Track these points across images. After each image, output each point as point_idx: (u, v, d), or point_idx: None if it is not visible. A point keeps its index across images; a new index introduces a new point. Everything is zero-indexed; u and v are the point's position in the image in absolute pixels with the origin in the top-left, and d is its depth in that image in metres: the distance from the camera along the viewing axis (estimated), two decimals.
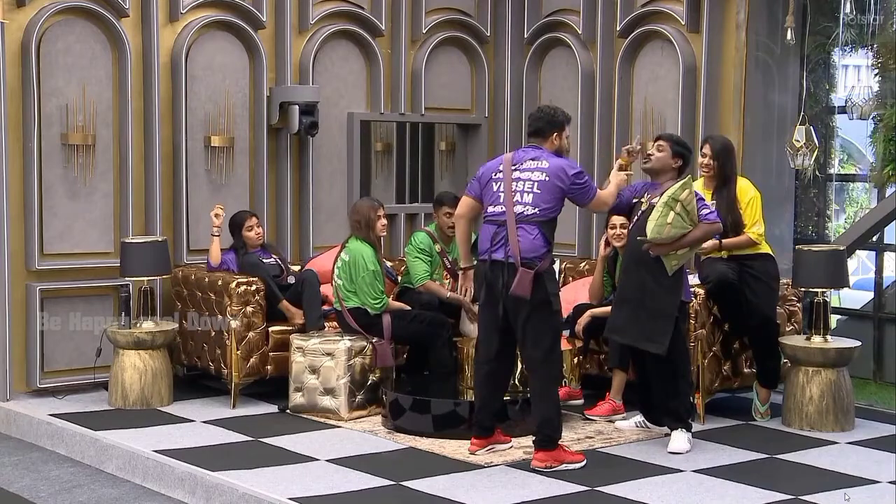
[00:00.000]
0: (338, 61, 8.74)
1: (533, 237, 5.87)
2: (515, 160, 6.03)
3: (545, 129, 6.08)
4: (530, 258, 5.83)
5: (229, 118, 8.26)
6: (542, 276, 5.85)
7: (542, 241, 5.89)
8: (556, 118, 6.11)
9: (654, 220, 6.11)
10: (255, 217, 7.89)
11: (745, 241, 6.85)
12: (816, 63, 8.74)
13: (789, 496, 5.50)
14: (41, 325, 7.54)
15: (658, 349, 6.17)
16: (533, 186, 5.91)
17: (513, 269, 5.83)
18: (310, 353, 7.10)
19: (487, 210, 6.04)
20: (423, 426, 6.62)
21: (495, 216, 5.98)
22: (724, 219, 6.77)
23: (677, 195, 6.09)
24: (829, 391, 6.82)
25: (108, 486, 6.17)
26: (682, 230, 6.11)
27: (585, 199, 6.07)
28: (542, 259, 5.86)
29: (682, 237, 6.13)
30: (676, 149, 6.35)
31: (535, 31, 9.21)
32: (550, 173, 5.92)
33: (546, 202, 5.90)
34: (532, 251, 5.84)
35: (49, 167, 7.57)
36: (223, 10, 8.23)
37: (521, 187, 5.93)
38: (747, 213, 6.85)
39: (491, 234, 5.96)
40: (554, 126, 6.08)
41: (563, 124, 6.11)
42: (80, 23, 7.67)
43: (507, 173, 5.98)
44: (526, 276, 5.78)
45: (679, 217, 6.08)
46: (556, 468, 5.87)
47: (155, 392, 7.35)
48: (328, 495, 5.48)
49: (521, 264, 5.80)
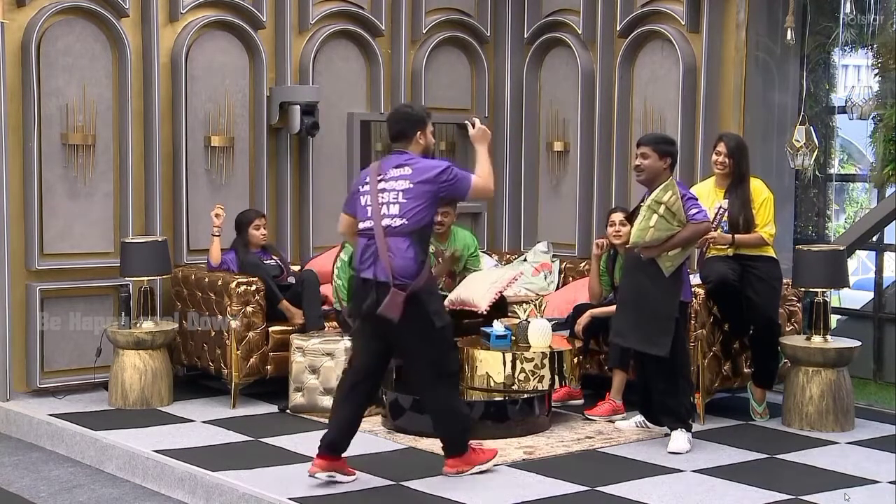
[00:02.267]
0: (338, 61, 8.75)
1: (405, 251, 5.51)
2: (381, 170, 5.67)
3: (407, 130, 5.69)
4: (403, 278, 5.47)
5: (229, 118, 8.26)
6: (418, 296, 5.49)
7: (415, 256, 5.53)
8: (416, 116, 5.74)
9: (636, 224, 6.12)
10: (263, 217, 7.90)
11: (757, 239, 6.85)
12: (816, 63, 8.74)
13: (789, 496, 5.50)
14: (41, 325, 7.54)
15: (660, 351, 6.17)
16: (398, 196, 5.56)
17: (384, 288, 5.46)
18: (310, 353, 7.10)
19: (359, 226, 5.69)
20: (423, 426, 6.60)
21: (365, 231, 5.64)
22: (737, 217, 6.79)
23: (660, 198, 6.09)
24: (829, 391, 6.82)
25: (108, 486, 6.17)
26: (668, 232, 6.09)
27: (460, 193, 5.71)
28: (415, 276, 5.50)
29: (670, 238, 6.11)
30: (661, 149, 6.25)
31: (535, 31, 9.21)
32: (414, 179, 5.57)
33: (413, 210, 5.54)
34: (405, 269, 5.48)
35: (49, 167, 7.57)
36: (223, 10, 8.23)
37: (386, 198, 5.58)
38: (760, 213, 6.85)
39: (362, 249, 5.64)
40: (415, 125, 5.69)
41: (424, 121, 5.73)
42: (80, 23, 7.67)
43: (373, 185, 5.63)
44: (396, 297, 5.42)
45: (663, 219, 6.07)
46: (468, 472, 5.77)
47: (155, 392, 7.35)
48: (328, 495, 5.48)
49: (393, 284, 5.45)
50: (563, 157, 9.08)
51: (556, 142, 9.08)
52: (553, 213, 9.11)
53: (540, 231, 9.24)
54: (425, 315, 5.56)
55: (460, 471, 5.79)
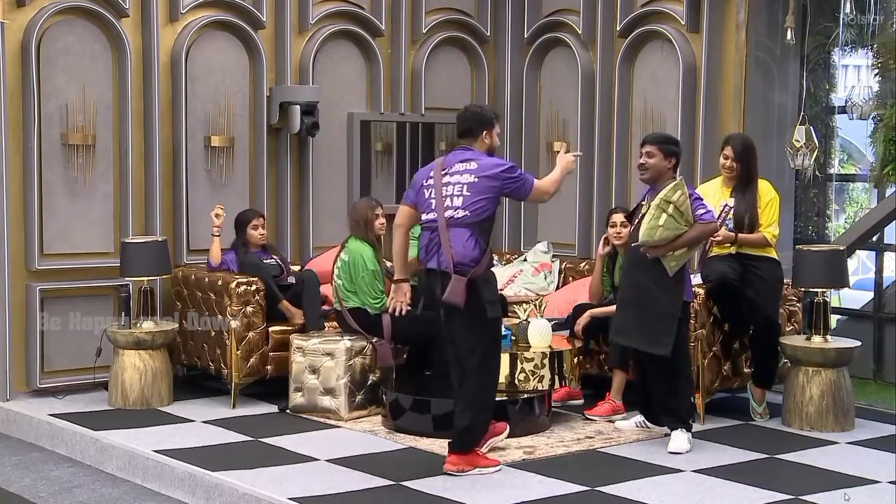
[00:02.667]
0: (338, 61, 8.75)
1: (465, 241, 5.72)
2: (446, 164, 5.89)
3: (475, 129, 5.93)
4: (464, 264, 5.68)
5: (229, 118, 8.26)
6: (476, 283, 5.69)
7: (475, 245, 5.73)
8: (485, 116, 5.97)
9: (645, 223, 6.12)
10: (261, 217, 7.89)
11: (760, 238, 6.85)
12: (816, 63, 8.74)
13: (789, 496, 5.50)
14: (41, 325, 7.54)
15: (662, 351, 6.17)
16: (463, 189, 5.77)
17: (446, 277, 5.68)
18: (310, 353, 7.10)
19: (422, 217, 5.91)
20: (423, 426, 6.61)
21: (428, 223, 5.85)
22: (742, 217, 6.79)
23: (669, 197, 6.09)
24: (829, 391, 6.82)
25: (108, 486, 6.17)
26: (676, 231, 6.10)
27: (522, 192, 5.93)
28: (476, 264, 5.71)
29: (677, 238, 6.12)
30: (666, 149, 6.29)
31: (535, 31, 9.21)
32: (480, 174, 5.78)
33: (476, 204, 5.75)
34: (465, 257, 5.69)
35: (49, 167, 7.57)
36: (223, 10, 8.23)
37: (450, 191, 5.79)
38: (765, 213, 6.85)
39: (426, 241, 5.84)
40: (483, 125, 5.92)
41: (492, 122, 5.96)
42: (80, 23, 7.67)
43: (437, 178, 5.85)
44: (459, 284, 5.63)
45: (672, 218, 6.08)
46: (468, 472, 5.80)
47: (155, 392, 7.35)
48: (328, 495, 5.48)
49: (454, 271, 5.66)
50: None
51: (556, 142, 9.08)
52: (553, 213, 9.10)
53: (540, 231, 9.24)
54: (479, 303, 5.72)
55: (461, 469, 5.80)
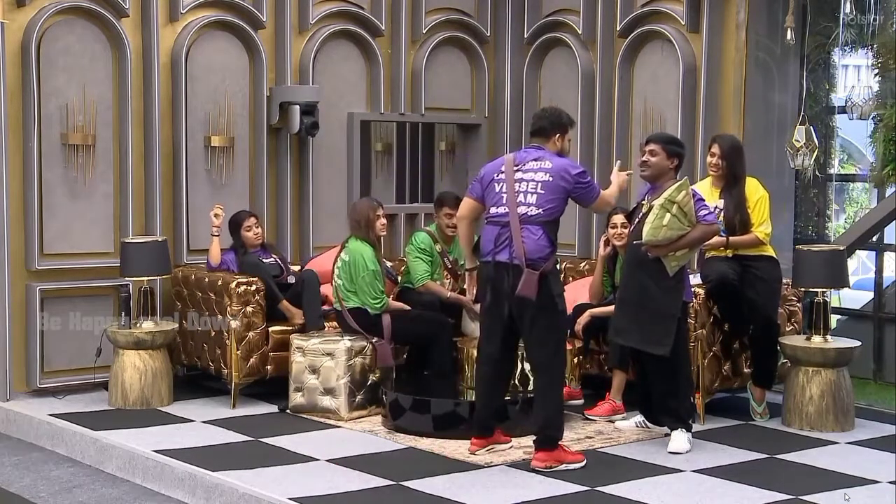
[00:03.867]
0: (338, 61, 8.74)
1: (537, 238, 5.87)
2: (518, 160, 6.03)
3: (548, 129, 6.08)
4: (535, 259, 5.83)
5: (229, 118, 8.26)
6: (547, 277, 5.86)
7: (547, 242, 5.90)
8: (561, 120, 6.12)
9: (649, 222, 6.12)
10: (254, 217, 7.89)
11: (752, 239, 6.85)
12: (816, 63, 8.74)
13: (789, 496, 5.50)
14: (41, 325, 7.54)
15: (662, 351, 6.17)
16: (536, 187, 5.91)
17: (518, 271, 5.83)
18: (310, 353, 7.10)
19: (490, 211, 6.04)
20: (423, 426, 6.62)
21: (498, 217, 5.98)
22: (733, 218, 6.79)
23: (673, 197, 6.09)
24: (829, 391, 6.82)
25: (108, 486, 6.17)
26: (679, 231, 6.11)
27: (589, 198, 6.08)
28: (546, 260, 5.87)
29: (680, 238, 6.13)
30: (670, 149, 6.31)
31: (535, 31, 9.21)
32: (554, 173, 5.92)
33: (550, 202, 5.90)
34: (537, 252, 5.85)
35: (49, 167, 7.57)
36: (223, 10, 8.23)
37: (524, 188, 5.93)
38: (755, 212, 6.85)
39: (494, 235, 5.96)
40: (557, 127, 6.09)
41: (566, 126, 6.13)
42: (80, 23, 7.67)
43: (509, 174, 5.98)
44: (531, 278, 5.78)
45: (675, 218, 6.08)
46: (556, 468, 5.87)
47: (155, 392, 7.35)
48: (328, 495, 5.48)
49: (526, 265, 5.80)
50: None
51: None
52: None
53: None
54: (550, 296, 5.88)
55: (549, 465, 5.89)
